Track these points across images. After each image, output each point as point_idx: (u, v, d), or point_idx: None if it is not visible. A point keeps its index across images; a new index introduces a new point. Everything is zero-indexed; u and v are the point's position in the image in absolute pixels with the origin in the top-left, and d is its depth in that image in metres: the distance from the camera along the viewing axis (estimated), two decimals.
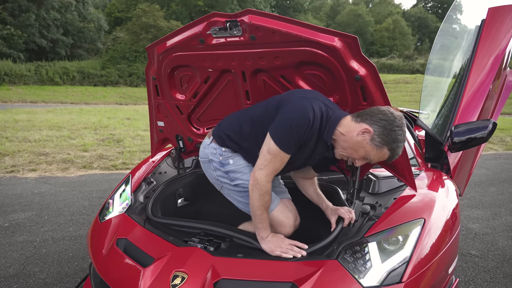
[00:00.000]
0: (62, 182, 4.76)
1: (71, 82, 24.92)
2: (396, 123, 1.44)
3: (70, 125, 9.01)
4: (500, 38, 2.57)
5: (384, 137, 1.44)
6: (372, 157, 1.50)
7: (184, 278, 1.42)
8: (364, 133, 1.46)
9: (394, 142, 1.45)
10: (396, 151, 1.48)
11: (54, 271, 2.47)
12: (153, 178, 2.29)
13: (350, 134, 1.49)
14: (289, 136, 1.48)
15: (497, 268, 2.70)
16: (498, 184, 5.34)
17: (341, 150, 1.55)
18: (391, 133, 1.44)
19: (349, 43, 1.49)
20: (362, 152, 1.49)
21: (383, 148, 1.46)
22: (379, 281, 1.37)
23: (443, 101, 2.75)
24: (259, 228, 1.59)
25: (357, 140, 1.48)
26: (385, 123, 1.44)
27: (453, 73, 2.76)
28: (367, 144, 1.47)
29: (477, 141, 2.15)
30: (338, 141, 1.54)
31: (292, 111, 1.48)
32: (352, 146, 1.50)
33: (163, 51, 1.86)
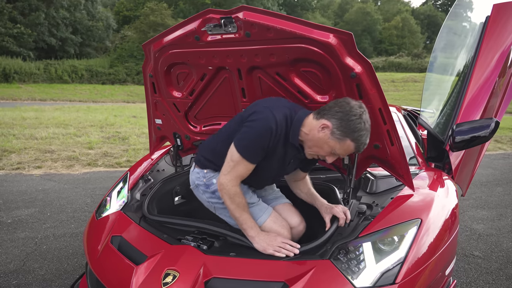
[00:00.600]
0: (66, 179, 4.80)
1: (79, 80, 25.18)
2: (352, 112, 1.43)
3: (77, 123, 9.09)
4: (505, 35, 2.51)
5: (343, 129, 1.43)
6: (338, 151, 1.49)
7: (176, 276, 1.41)
8: (323, 128, 1.47)
9: (354, 131, 1.43)
10: (360, 140, 1.45)
11: (53, 267, 2.49)
12: (150, 175, 2.29)
13: (312, 132, 1.50)
14: (252, 145, 1.51)
15: (500, 269, 2.65)
16: (505, 184, 5.25)
17: (308, 149, 1.56)
18: (349, 123, 1.42)
19: (344, 39, 1.46)
20: (327, 148, 1.49)
21: (345, 140, 1.45)
22: (372, 282, 1.34)
23: (445, 99, 2.71)
24: (245, 230, 1.58)
25: (319, 137, 1.48)
26: (341, 115, 1.44)
27: (456, 71, 2.71)
28: (329, 139, 1.46)
29: (479, 140, 2.11)
30: (304, 141, 1.56)
31: (255, 121, 1.51)
32: (316, 143, 1.51)
33: (159, 48, 1.85)
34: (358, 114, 1.43)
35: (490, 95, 2.44)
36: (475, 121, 2.19)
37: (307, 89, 1.69)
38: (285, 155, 1.61)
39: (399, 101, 22.25)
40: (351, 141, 1.45)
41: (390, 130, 1.62)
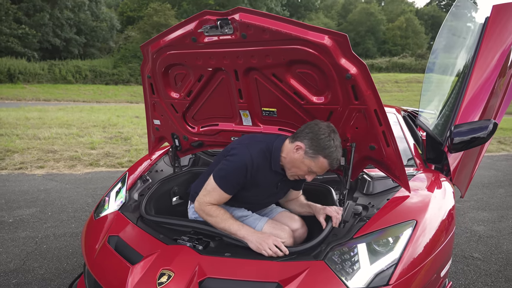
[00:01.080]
0: (68, 179, 4.83)
1: (83, 81, 25.31)
2: (321, 131, 1.58)
3: (80, 123, 9.14)
4: (504, 36, 2.50)
5: (314, 147, 1.57)
6: (314, 169, 1.62)
7: (171, 276, 1.42)
8: (298, 149, 1.61)
9: (325, 149, 1.56)
10: (331, 156, 1.58)
11: (53, 266, 2.51)
12: (149, 176, 2.30)
13: (289, 155, 1.65)
14: (228, 178, 1.65)
15: (499, 271, 2.64)
16: (508, 186, 5.22)
17: (288, 171, 1.70)
18: (319, 141, 1.57)
19: (339, 41, 1.47)
20: (304, 167, 1.62)
21: (318, 158, 1.58)
22: (366, 283, 1.35)
23: (444, 100, 2.70)
24: (235, 234, 1.61)
25: (295, 158, 1.62)
26: (311, 135, 1.59)
27: (456, 72, 2.70)
28: (304, 158, 1.60)
29: (478, 141, 2.10)
30: (284, 165, 1.70)
31: (233, 156, 1.67)
32: (294, 164, 1.64)
33: (157, 49, 1.87)
34: (326, 133, 1.58)
35: (489, 96, 2.43)
36: (473, 122, 2.18)
37: (303, 90, 1.69)
38: (271, 181, 1.74)
39: (403, 101, 22.18)
40: (323, 157, 1.58)
41: (385, 131, 1.62)
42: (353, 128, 1.70)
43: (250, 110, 1.92)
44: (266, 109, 1.88)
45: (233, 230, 1.61)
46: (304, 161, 1.60)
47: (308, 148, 1.58)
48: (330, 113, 1.70)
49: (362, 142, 1.72)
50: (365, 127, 1.66)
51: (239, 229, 1.61)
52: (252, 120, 1.96)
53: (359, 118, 1.65)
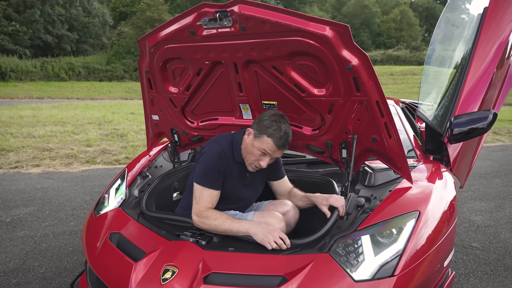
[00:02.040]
0: (65, 177, 4.79)
1: (76, 78, 25.06)
2: (265, 115, 1.71)
3: (75, 121, 9.06)
4: (503, 27, 2.50)
5: (259, 128, 1.69)
6: (263, 149, 1.69)
7: (175, 272, 1.41)
8: (248, 134, 1.74)
9: (268, 128, 1.67)
10: (275, 134, 1.66)
11: (53, 265, 2.49)
12: (148, 172, 2.28)
13: (243, 143, 1.77)
14: (207, 172, 1.72)
15: (498, 260, 2.66)
16: (504, 176, 5.26)
17: (246, 161, 1.78)
18: (263, 122, 1.69)
19: (340, 32, 1.45)
20: (255, 150, 1.70)
21: (263, 137, 1.68)
22: (371, 275, 1.35)
23: (443, 91, 2.69)
24: (239, 230, 1.60)
25: (247, 143, 1.74)
26: (257, 120, 1.73)
27: (454, 63, 2.69)
28: (253, 141, 1.70)
29: (477, 132, 2.10)
30: (243, 156, 1.79)
31: (204, 153, 1.77)
32: (247, 150, 1.74)
33: (155, 43, 1.84)
34: (269, 115, 1.71)
35: (488, 86, 2.43)
36: (473, 113, 2.18)
37: (303, 83, 1.68)
38: (239, 173, 1.81)
39: (398, 94, 22.22)
40: (267, 136, 1.67)
41: (388, 123, 1.61)
42: (354, 120, 1.69)
43: (251, 104, 1.90)
44: (267, 102, 1.87)
45: (235, 228, 1.60)
46: (253, 144, 1.70)
47: (254, 130, 1.71)
48: (332, 105, 1.68)
49: (364, 134, 1.72)
50: (367, 119, 1.65)
51: (241, 225, 1.60)
52: (252, 113, 1.94)
53: (360, 110, 1.64)
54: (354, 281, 1.32)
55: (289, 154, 2.39)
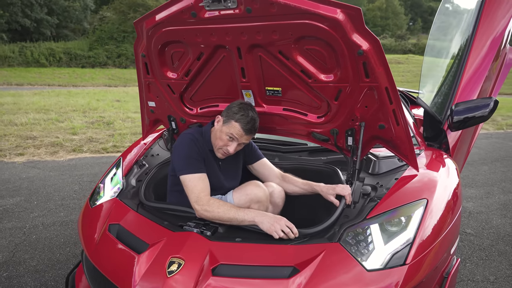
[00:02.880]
0: (51, 166, 4.64)
1: (57, 64, 24.24)
2: (234, 104, 1.78)
3: (58, 108, 8.78)
4: (500, 16, 2.49)
5: (227, 114, 1.77)
6: (231, 133, 1.74)
7: (181, 265, 1.36)
8: (218, 122, 1.80)
9: (236, 114, 1.73)
10: (243, 120, 1.72)
11: (45, 257, 2.40)
12: (145, 161, 2.21)
13: (213, 131, 1.83)
14: (185, 158, 1.74)
15: (492, 246, 2.71)
16: (490, 163, 5.37)
17: (215, 148, 1.82)
18: (231, 109, 1.76)
19: (352, 15, 1.40)
20: (223, 135, 1.76)
21: (231, 122, 1.74)
22: (383, 264, 1.33)
23: (442, 80, 2.69)
24: (242, 221, 1.57)
25: (216, 129, 1.80)
26: (226, 108, 1.79)
27: (453, 52, 2.69)
28: (222, 127, 1.77)
29: (478, 119, 2.11)
30: (212, 143, 1.83)
31: (176, 145, 1.81)
32: (216, 136, 1.79)
33: (152, 25, 1.74)
34: (238, 103, 1.78)
35: (487, 75, 2.43)
36: (474, 100, 2.18)
37: (310, 68, 1.62)
38: (214, 161, 1.85)
39: None
40: (235, 121, 1.73)
41: (396, 110, 1.58)
42: (362, 106, 1.65)
43: (253, 90, 1.84)
44: (270, 88, 1.81)
45: (240, 217, 1.56)
46: (222, 129, 1.76)
47: (224, 117, 1.78)
48: (339, 91, 1.64)
49: (372, 121, 1.68)
50: (375, 106, 1.61)
51: (246, 214, 1.57)
52: (255, 100, 1.88)
53: (369, 96, 1.60)
54: (367, 270, 1.30)
55: (290, 142, 2.34)
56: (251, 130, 1.76)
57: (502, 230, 3.00)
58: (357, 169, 1.74)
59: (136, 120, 7.75)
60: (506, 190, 4.06)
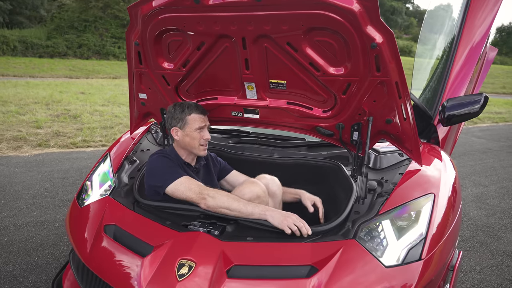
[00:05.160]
0: (15, 162, 4.31)
1: (12, 53, 22.66)
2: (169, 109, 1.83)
3: (17, 100, 8.20)
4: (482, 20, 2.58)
5: (177, 119, 1.78)
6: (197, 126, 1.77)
7: (192, 267, 1.28)
8: (176, 132, 1.80)
9: (182, 111, 1.78)
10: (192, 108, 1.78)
11: (21, 261, 2.21)
12: (135, 156, 2.08)
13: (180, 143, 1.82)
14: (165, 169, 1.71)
15: (473, 237, 2.83)
16: (458, 157, 5.63)
17: (193, 150, 1.81)
18: (174, 114, 1.79)
19: (367, 7, 1.36)
20: (193, 134, 1.77)
21: (187, 119, 1.77)
22: (399, 259, 1.32)
23: (429, 76, 2.75)
24: (251, 214, 1.52)
25: (181, 138, 1.79)
26: (168, 118, 1.82)
27: (440, 51, 2.75)
28: (183, 132, 1.78)
29: (470, 115, 2.16)
30: (186, 151, 1.84)
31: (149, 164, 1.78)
32: (186, 143, 1.79)
33: (150, 11, 1.62)
34: (171, 106, 1.82)
35: (474, 69, 2.51)
36: (465, 96, 2.24)
37: (320, 61, 1.57)
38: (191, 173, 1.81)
39: None
40: (189, 116, 1.77)
41: (404, 105, 1.57)
42: (370, 101, 1.62)
43: (256, 82, 1.76)
44: (275, 81, 1.74)
45: (249, 210, 1.52)
46: (187, 133, 1.77)
47: (177, 124, 1.78)
48: (348, 85, 1.60)
49: (379, 116, 1.66)
50: (384, 100, 1.59)
51: (254, 207, 1.53)
52: (257, 93, 1.81)
53: (378, 91, 1.57)
54: (385, 267, 1.29)
55: (287, 137, 2.30)
56: (203, 110, 1.83)
57: (480, 221, 3.14)
58: (365, 164, 1.72)
59: (104, 114, 7.40)
60: (477, 183, 4.27)
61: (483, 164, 5.18)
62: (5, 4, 26.11)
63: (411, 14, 56.40)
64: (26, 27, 27.17)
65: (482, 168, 4.95)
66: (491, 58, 2.92)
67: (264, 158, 2.12)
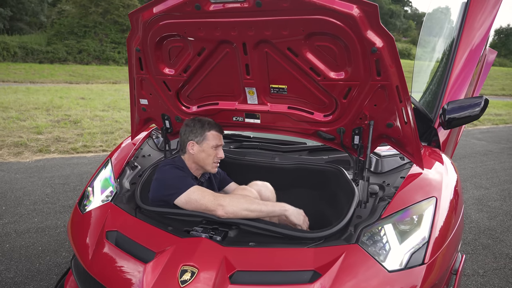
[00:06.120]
0: (16, 168, 4.31)
1: (12, 59, 22.74)
2: (187, 123, 1.82)
3: (18, 106, 8.22)
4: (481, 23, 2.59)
5: (195, 134, 1.78)
6: (215, 144, 1.78)
7: (194, 273, 1.28)
8: (192, 147, 1.79)
9: (202, 127, 1.78)
10: (212, 125, 1.79)
11: (23, 268, 2.21)
12: (136, 162, 2.08)
13: (194, 158, 1.80)
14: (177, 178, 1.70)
15: (475, 240, 2.82)
16: (459, 159, 5.62)
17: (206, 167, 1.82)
18: (194, 128, 1.78)
19: (368, 11, 1.36)
20: (209, 150, 1.78)
21: (206, 135, 1.78)
22: (402, 264, 1.32)
23: (429, 79, 2.76)
24: (271, 213, 1.58)
25: (196, 154, 1.79)
26: (186, 132, 1.80)
27: (440, 54, 2.76)
28: (199, 147, 1.78)
29: (470, 118, 2.16)
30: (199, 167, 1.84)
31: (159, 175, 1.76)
32: (201, 159, 1.80)
33: (150, 18, 1.63)
34: (189, 121, 1.81)
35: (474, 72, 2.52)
36: (465, 99, 2.24)
37: (320, 66, 1.58)
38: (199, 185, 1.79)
39: None
40: (209, 132, 1.77)
41: (405, 109, 1.58)
42: (371, 105, 1.63)
43: (257, 87, 1.77)
44: (276, 86, 1.75)
45: (269, 208, 1.59)
46: (203, 149, 1.77)
47: (195, 138, 1.77)
48: (348, 89, 1.61)
49: (380, 120, 1.67)
50: (385, 104, 1.60)
51: (272, 205, 1.61)
52: (258, 98, 1.81)
53: (379, 95, 1.58)
54: (388, 272, 1.28)
55: (288, 141, 2.30)
56: (222, 129, 1.84)
57: (482, 224, 3.13)
58: (366, 168, 1.72)
59: (105, 119, 7.41)
60: (478, 185, 4.26)
61: (484, 167, 5.18)
62: (5, 11, 26.26)
63: (409, 17, 56.65)
64: (26, 33, 27.30)
65: (483, 171, 4.95)
66: (490, 61, 2.93)
67: (265, 163, 2.12)
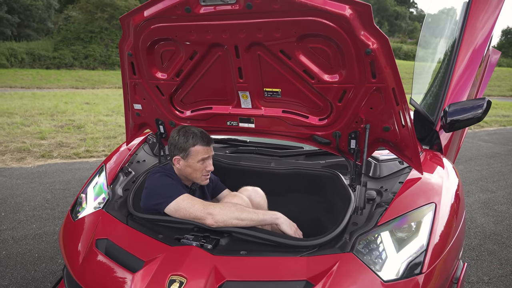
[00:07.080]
0: (18, 173, 4.32)
1: (20, 65, 23.04)
2: (172, 134, 1.74)
3: (23, 111, 8.28)
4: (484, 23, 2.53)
5: (179, 149, 1.70)
6: (200, 158, 1.70)
7: (183, 283, 1.24)
8: (178, 162, 1.73)
9: (186, 141, 1.69)
10: (197, 139, 1.70)
11: (18, 275, 2.18)
12: (130, 168, 2.05)
13: (181, 171, 1.75)
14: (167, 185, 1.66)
15: (481, 245, 2.74)
16: (465, 162, 5.52)
17: (195, 180, 1.77)
18: (178, 142, 1.71)
19: (361, 12, 1.32)
20: (195, 165, 1.71)
21: (190, 151, 1.70)
22: (398, 273, 1.26)
23: (431, 80, 2.70)
24: (262, 221, 1.55)
25: (182, 169, 1.73)
26: (171, 145, 1.74)
27: (441, 54, 2.71)
28: (185, 162, 1.72)
29: (473, 120, 2.10)
30: (189, 180, 1.79)
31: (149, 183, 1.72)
32: (188, 173, 1.74)
33: (141, 22, 1.60)
34: (175, 132, 1.73)
35: (474, 77, 2.45)
36: (467, 101, 2.18)
37: (314, 68, 1.54)
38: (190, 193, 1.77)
39: None
40: (193, 147, 1.70)
41: (402, 112, 1.53)
42: (367, 108, 1.58)
43: (251, 91, 1.73)
44: (269, 89, 1.71)
45: (260, 217, 1.55)
46: (189, 164, 1.72)
47: (179, 154, 1.71)
48: (343, 92, 1.56)
49: (376, 123, 1.62)
50: (381, 107, 1.55)
51: (263, 214, 1.57)
52: (252, 102, 1.78)
53: (374, 97, 1.53)
54: (384, 282, 1.23)
55: (285, 145, 2.25)
56: (209, 140, 1.75)
57: (487, 229, 3.05)
58: (363, 173, 1.67)
59: (108, 124, 7.43)
60: (484, 189, 4.17)
61: (490, 169, 5.08)
62: (13, 18, 26.62)
63: (415, 19, 56.35)
64: (33, 39, 27.64)
65: (490, 173, 4.85)
66: (494, 61, 2.87)
67: (261, 168, 2.08)
